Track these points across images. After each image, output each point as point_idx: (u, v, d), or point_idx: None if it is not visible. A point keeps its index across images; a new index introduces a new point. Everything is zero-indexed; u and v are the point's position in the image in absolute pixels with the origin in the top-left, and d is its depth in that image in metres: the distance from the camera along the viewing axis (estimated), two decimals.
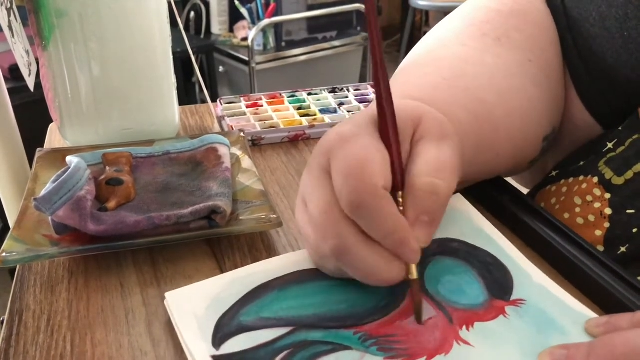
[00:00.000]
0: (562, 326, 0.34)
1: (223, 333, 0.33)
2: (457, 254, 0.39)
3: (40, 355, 0.34)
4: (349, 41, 2.50)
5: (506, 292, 0.36)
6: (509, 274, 0.37)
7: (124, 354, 0.34)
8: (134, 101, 0.57)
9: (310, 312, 0.35)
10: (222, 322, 0.34)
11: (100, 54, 0.54)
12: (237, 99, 0.69)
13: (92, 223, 0.41)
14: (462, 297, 0.36)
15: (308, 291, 0.36)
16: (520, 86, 0.46)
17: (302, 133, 0.61)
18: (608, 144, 0.44)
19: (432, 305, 0.35)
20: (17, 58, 0.58)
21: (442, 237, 0.40)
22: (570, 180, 0.45)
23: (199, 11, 2.55)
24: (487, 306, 0.35)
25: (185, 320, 0.34)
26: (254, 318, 0.34)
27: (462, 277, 0.37)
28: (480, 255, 0.39)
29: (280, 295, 0.36)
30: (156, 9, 0.56)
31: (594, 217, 0.41)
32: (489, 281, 0.37)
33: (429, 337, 0.33)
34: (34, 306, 0.38)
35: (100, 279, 0.41)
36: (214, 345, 0.33)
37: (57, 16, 0.52)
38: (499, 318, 0.34)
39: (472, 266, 0.38)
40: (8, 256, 0.39)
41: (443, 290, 0.36)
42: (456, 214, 0.42)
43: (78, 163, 0.45)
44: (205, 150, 0.52)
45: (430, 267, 0.38)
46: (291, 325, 0.34)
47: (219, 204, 0.43)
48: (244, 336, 0.33)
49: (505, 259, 0.39)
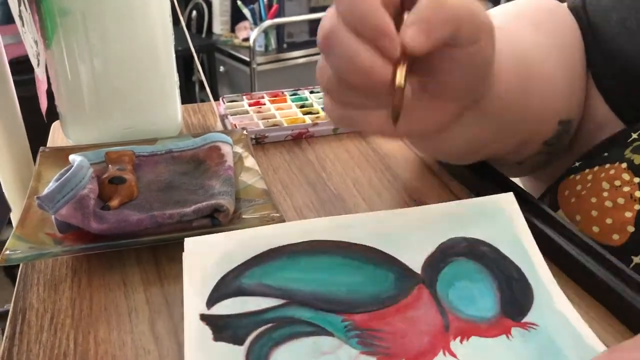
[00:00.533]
0: (566, 358, 0.31)
1: (220, 293, 0.34)
2: (483, 259, 0.37)
3: (44, 354, 0.34)
4: None
5: (520, 313, 0.34)
6: (531, 295, 0.35)
7: (127, 352, 0.34)
8: (136, 100, 0.57)
9: (309, 289, 0.34)
10: (224, 280, 0.34)
11: (103, 52, 0.54)
12: (240, 97, 0.69)
13: (95, 221, 0.41)
14: (470, 307, 0.34)
15: (316, 265, 0.36)
16: (545, 61, 0.47)
17: (305, 131, 0.61)
18: (633, 134, 0.44)
19: (435, 308, 0.34)
20: (27, 47, 0.59)
21: (474, 236, 0.38)
22: (596, 168, 0.44)
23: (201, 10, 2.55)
24: (493, 322, 0.33)
25: (191, 273, 0.34)
26: (255, 282, 0.34)
27: (478, 286, 0.35)
28: (507, 268, 0.36)
29: (288, 264, 0.35)
30: (159, 7, 0.56)
31: (623, 199, 0.41)
32: (505, 297, 0.35)
33: (416, 340, 0.32)
34: (37, 304, 0.38)
35: (103, 277, 0.41)
36: (207, 303, 0.33)
37: (60, 15, 0.52)
38: (500, 337, 0.33)
39: (494, 277, 0.36)
40: (11, 254, 0.39)
41: (453, 296, 0.35)
42: (499, 215, 0.39)
43: (81, 161, 0.45)
44: (208, 149, 0.52)
45: (449, 268, 0.36)
46: (286, 298, 0.34)
47: (222, 203, 0.43)
48: (238, 300, 0.33)
49: (533, 277, 0.36)
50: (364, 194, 0.51)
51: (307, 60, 2.41)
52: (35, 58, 0.59)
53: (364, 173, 0.55)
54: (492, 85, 0.39)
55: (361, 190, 0.52)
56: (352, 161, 0.57)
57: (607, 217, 0.40)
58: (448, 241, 0.38)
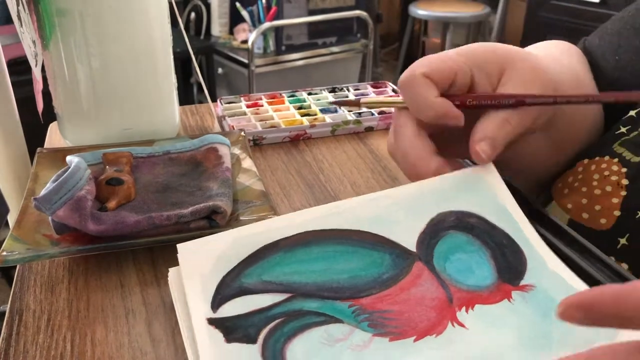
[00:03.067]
0: None
1: (223, 295, 0.34)
2: (473, 230, 0.38)
3: (40, 355, 0.34)
4: (349, 47, 2.51)
5: (517, 277, 0.35)
6: (524, 258, 0.36)
7: (124, 353, 0.34)
8: (134, 101, 0.57)
9: (311, 280, 0.35)
10: (224, 282, 0.34)
11: (101, 53, 0.54)
12: (237, 99, 0.69)
13: (92, 223, 0.41)
14: (469, 277, 0.35)
15: (312, 255, 0.36)
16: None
17: (303, 132, 0.61)
18: (621, 128, 0.45)
19: (436, 282, 0.35)
20: (25, 48, 0.59)
21: (462, 209, 0.39)
22: (586, 161, 0.46)
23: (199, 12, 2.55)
24: (493, 289, 0.34)
25: (190, 279, 0.34)
26: (256, 280, 0.34)
27: (473, 257, 0.36)
28: (497, 236, 0.38)
29: (285, 258, 0.36)
30: (157, 8, 0.56)
31: (610, 187, 0.42)
32: (500, 264, 0.36)
33: (424, 316, 0.33)
34: (34, 306, 0.38)
35: (100, 278, 0.41)
36: (212, 307, 0.33)
37: (58, 15, 0.52)
38: (502, 302, 0.34)
39: (486, 246, 0.37)
40: (8, 255, 0.39)
41: (450, 269, 0.36)
42: (481, 185, 0.40)
43: (78, 163, 0.45)
44: (206, 150, 0.52)
45: (442, 242, 0.37)
46: (290, 292, 0.34)
47: (219, 204, 0.43)
48: (242, 299, 0.33)
49: (523, 241, 0.37)
50: (361, 195, 0.51)
51: (306, 62, 2.42)
52: (33, 58, 0.59)
53: (361, 175, 0.55)
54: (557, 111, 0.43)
55: (359, 191, 0.52)
56: (349, 163, 0.57)
57: (596, 204, 0.42)
58: (437, 216, 0.38)
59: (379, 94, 0.71)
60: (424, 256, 0.36)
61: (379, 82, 0.73)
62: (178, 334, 0.35)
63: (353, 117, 0.64)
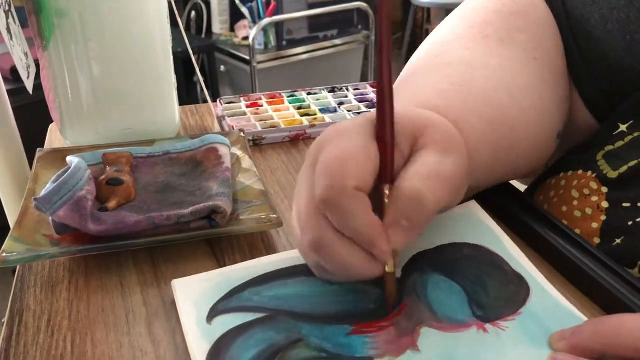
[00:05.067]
0: None
1: (217, 311, 0.35)
2: (454, 273, 0.38)
3: (41, 355, 0.34)
4: (350, 39, 2.50)
5: (497, 318, 0.35)
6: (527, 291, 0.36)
7: (124, 353, 0.34)
8: (134, 101, 0.57)
9: (306, 302, 0.36)
10: (215, 307, 0.36)
11: (101, 53, 0.54)
12: (237, 99, 0.69)
13: (93, 223, 0.41)
14: (446, 311, 0.35)
15: (305, 285, 0.37)
16: (530, 84, 0.46)
17: (303, 132, 0.61)
18: (609, 141, 0.44)
19: (414, 315, 0.35)
20: (16, 60, 0.58)
21: (455, 241, 0.39)
22: (569, 173, 0.45)
23: (199, 11, 2.55)
24: (467, 323, 0.34)
25: (188, 315, 0.35)
26: (250, 299, 0.36)
27: (452, 297, 0.36)
28: (479, 273, 0.38)
29: (276, 285, 0.37)
30: (156, 8, 0.56)
31: (591, 210, 0.41)
32: (482, 306, 0.35)
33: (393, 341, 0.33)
34: (34, 306, 0.38)
35: (101, 279, 0.41)
36: (207, 320, 0.35)
37: (58, 16, 0.52)
38: (470, 329, 0.34)
39: (464, 286, 0.37)
40: (8, 256, 0.39)
41: (431, 301, 0.36)
42: (473, 218, 0.41)
43: (78, 163, 0.45)
44: (206, 150, 0.52)
45: (425, 278, 0.37)
46: (285, 308, 0.35)
47: (219, 204, 0.43)
48: (232, 316, 0.35)
49: (529, 277, 0.37)
50: None
51: (308, 56, 2.41)
52: (25, 70, 0.59)
53: None
54: (474, 173, 0.38)
55: None
56: None
57: (576, 227, 0.41)
58: (419, 253, 0.39)
59: None
60: (410, 286, 0.37)
61: None
62: (178, 334, 0.35)
63: (353, 117, 0.64)
